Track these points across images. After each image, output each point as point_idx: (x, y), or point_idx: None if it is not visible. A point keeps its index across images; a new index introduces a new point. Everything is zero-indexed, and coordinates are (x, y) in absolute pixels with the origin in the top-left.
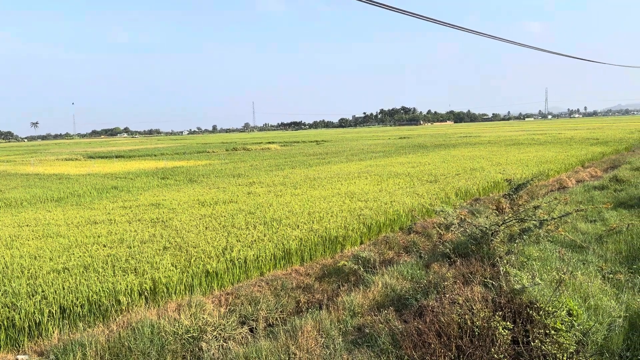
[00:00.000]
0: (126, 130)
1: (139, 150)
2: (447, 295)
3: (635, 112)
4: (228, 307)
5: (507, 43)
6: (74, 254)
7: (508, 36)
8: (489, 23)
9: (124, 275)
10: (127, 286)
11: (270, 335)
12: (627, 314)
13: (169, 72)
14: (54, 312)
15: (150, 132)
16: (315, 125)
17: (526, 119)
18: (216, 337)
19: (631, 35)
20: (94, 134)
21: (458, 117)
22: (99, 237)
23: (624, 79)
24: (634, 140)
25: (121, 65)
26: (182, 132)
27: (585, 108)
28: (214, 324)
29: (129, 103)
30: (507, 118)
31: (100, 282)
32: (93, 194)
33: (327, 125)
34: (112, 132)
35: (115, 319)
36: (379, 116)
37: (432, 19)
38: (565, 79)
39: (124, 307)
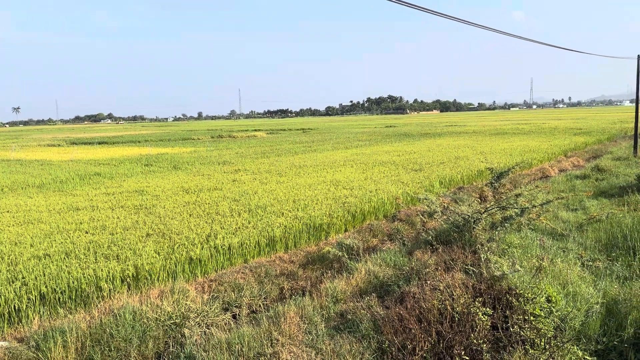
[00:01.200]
0: (110, 116)
1: (122, 136)
2: (429, 282)
3: (618, 103)
4: (211, 294)
5: (494, 32)
6: (55, 240)
7: (494, 25)
8: (476, 11)
9: (106, 261)
10: (109, 273)
11: (253, 322)
12: (604, 301)
13: (154, 57)
14: (34, 298)
15: (134, 119)
16: (302, 113)
17: (511, 109)
18: (199, 323)
19: (615, 27)
20: (77, 119)
21: (444, 106)
22: (81, 223)
23: (607, 70)
24: (616, 130)
25: (105, 50)
26: (167, 118)
27: (570, 98)
28: (197, 310)
29: (113, 88)
30: (493, 107)
31: (81, 269)
32: (75, 180)
33: (313, 113)
34: (95, 118)
35: (96, 306)
36: (366, 105)
37: (420, 7)
38: (551, 69)
39: (105, 294)
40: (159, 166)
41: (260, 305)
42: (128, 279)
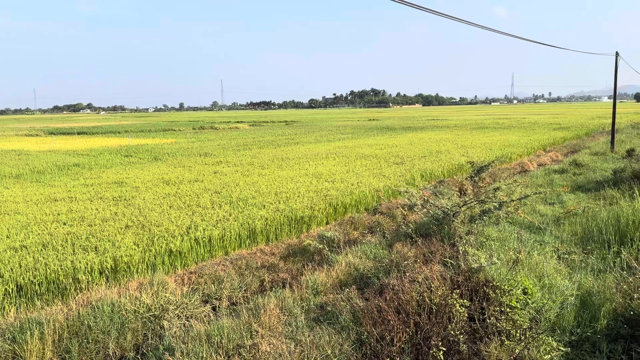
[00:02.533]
0: (89, 106)
1: (102, 127)
2: (408, 274)
3: (597, 99)
4: (191, 286)
5: (477, 27)
6: (32, 231)
7: (476, 21)
8: (458, 7)
9: (84, 253)
10: (87, 264)
11: (233, 314)
12: (579, 293)
13: (136, 47)
14: (10, 290)
15: (114, 109)
16: (284, 105)
17: (492, 104)
18: (178, 315)
19: (593, 23)
20: (56, 109)
21: (426, 100)
22: (58, 214)
23: (587, 66)
24: (595, 126)
25: (86, 39)
26: (147, 109)
27: (550, 93)
28: (176, 302)
29: (93, 78)
30: (474, 102)
31: (59, 260)
32: (54, 171)
33: (296, 105)
34: (74, 108)
35: (74, 298)
36: (349, 98)
37: (407, 2)
38: (532, 65)
39: (83, 286)
40: (139, 157)
41: (240, 298)
42: (106, 271)
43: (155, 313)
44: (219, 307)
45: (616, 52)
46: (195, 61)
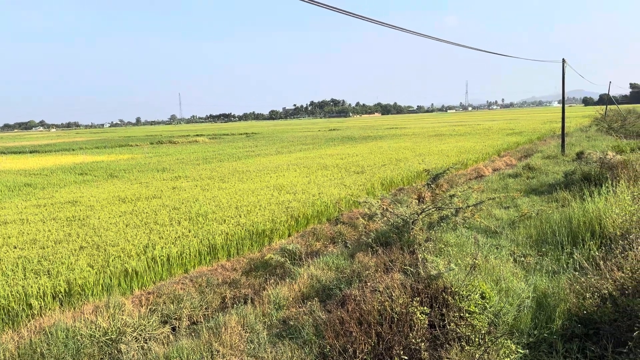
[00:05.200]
0: (42, 123)
1: (55, 144)
2: (369, 284)
3: (548, 104)
4: (149, 307)
5: (429, 39)
6: None
7: (429, 30)
8: (411, 17)
9: (36, 277)
10: (40, 289)
11: (193, 334)
12: (535, 295)
13: (89, 60)
14: None
15: (68, 125)
16: (245, 117)
17: (448, 111)
18: (136, 338)
19: (544, 31)
20: (6, 127)
21: (385, 109)
22: (9, 238)
23: (538, 72)
24: (546, 130)
25: (35, 53)
26: (103, 124)
27: (503, 100)
28: (134, 324)
29: (45, 93)
30: (431, 110)
31: (9, 286)
32: (4, 192)
33: (257, 117)
34: (26, 126)
35: (26, 325)
36: (309, 108)
37: (356, 15)
38: (485, 72)
39: (36, 312)
40: (94, 175)
41: (201, 316)
42: (60, 295)
43: (112, 337)
44: (178, 328)
45: (562, 59)
46: (152, 74)
